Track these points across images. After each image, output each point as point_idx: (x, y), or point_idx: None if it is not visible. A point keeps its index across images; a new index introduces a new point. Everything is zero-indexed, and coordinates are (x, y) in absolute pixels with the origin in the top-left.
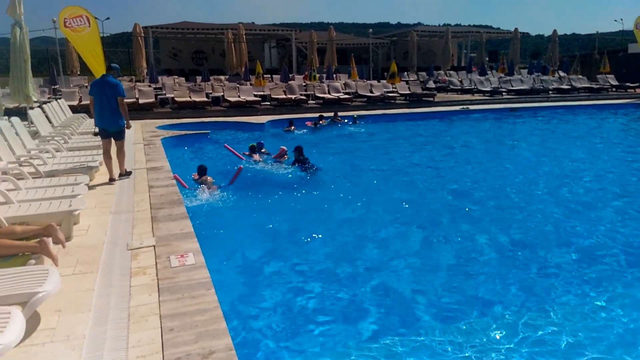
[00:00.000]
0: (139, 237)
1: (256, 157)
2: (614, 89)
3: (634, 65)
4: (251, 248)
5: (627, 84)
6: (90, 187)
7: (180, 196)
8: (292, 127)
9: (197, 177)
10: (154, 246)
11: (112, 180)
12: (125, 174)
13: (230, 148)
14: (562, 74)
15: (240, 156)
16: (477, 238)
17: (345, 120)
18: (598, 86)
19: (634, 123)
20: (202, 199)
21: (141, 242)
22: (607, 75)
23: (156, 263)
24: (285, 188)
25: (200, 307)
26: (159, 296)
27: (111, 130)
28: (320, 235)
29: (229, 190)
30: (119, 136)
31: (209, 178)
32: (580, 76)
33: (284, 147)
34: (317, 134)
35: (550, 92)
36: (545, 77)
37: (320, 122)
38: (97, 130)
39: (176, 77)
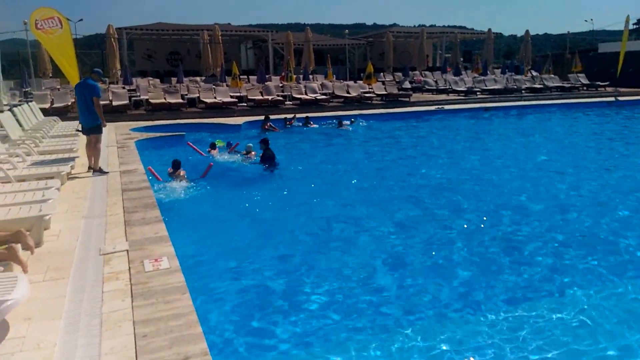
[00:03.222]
0: (112, 241)
1: (214, 152)
2: (585, 88)
3: (605, 65)
4: (216, 237)
5: (598, 82)
6: (69, 176)
7: (154, 200)
8: (269, 124)
9: (171, 170)
10: (127, 251)
11: (91, 168)
12: (100, 171)
13: (193, 145)
14: (534, 73)
15: (202, 153)
16: (447, 233)
17: (316, 125)
18: (570, 85)
19: (606, 120)
20: (174, 191)
21: (114, 247)
22: (579, 75)
23: (129, 268)
24: (251, 181)
25: (175, 311)
26: (132, 301)
27: (87, 126)
28: (281, 228)
29: (200, 183)
30: (94, 131)
31: (182, 172)
32: (553, 75)
33: (250, 145)
34: (294, 134)
35: (523, 91)
36: (518, 77)
37: (290, 122)
38: (80, 127)
39: (151, 78)
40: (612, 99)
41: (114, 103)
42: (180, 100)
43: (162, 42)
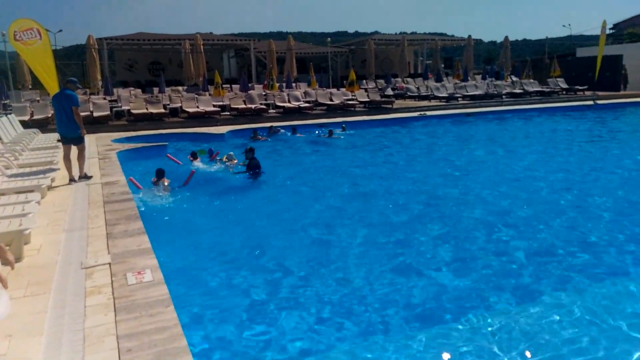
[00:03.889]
0: (94, 254)
1: (196, 161)
2: (564, 92)
3: (582, 69)
4: (201, 246)
5: (577, 86)
6: (50, 189)
7: (137, 211)
8: (258, 136)
9: (155, 179)
10: (110, 264)
11: (72, 180)
12: (85, 176)
13: (172, 157)
14: (514, 78)
15: (179, 162)
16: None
17: (283, 131)
18: (549, 89)
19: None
20: (158, 199)
21: (96, 260)
22: (558, 79)
23: (112, 281)
24: (237, 189)
25: (159, 325)
26: (115, 316)
27: (69, 136)
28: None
29: (184, 191)
30: (78, 141)
31: (165, 180)
32: (532, 80)
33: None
34: (280, 143)
35: (503, 96)
36: (498, 82)
37: (276, 131)
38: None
39: (132, 88)
40: (591, 102)
41: (95, 114)
42: (163, 110)
43: (143, 52)
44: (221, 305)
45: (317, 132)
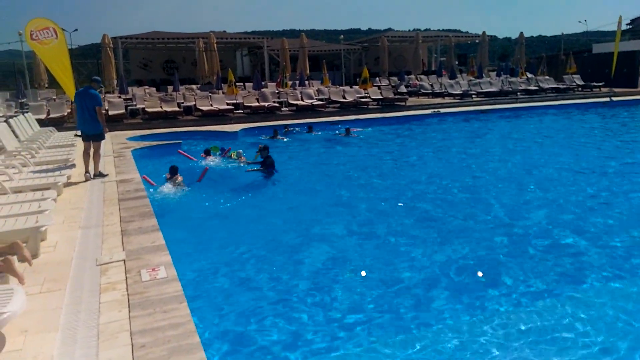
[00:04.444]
0: (109, 251)
1: (209, 158)
2: (580, 89)
3: (599, 65)
4: (214, 243)
5: (593, 83)
6: (66, 186)
7: (151, 208)
8: (279, 136)
9: (169, 176)
10: (124, 260)
11: (87, 173)
12: (99, 174)
13: (184, 152)
14: (529, 75)
15: (193, 158)
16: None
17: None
18: (565, 86)
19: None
20: (172, 196)
21: (111, 257)
22: (573, 76)
23: (126, 278)
24: (248, 187)
25: (172, 321)
26: (129, 312)
27: (90, 133)
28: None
29: (198, 188)
30: (97, 138)
31: (179, 177)
32: (547, 77)
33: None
34: (298, 143)
35: (518, 93)
36: (513, 79)
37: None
38: (79, 132)
39: (147, 87)
40: (607, 99)
41: (110, 112)
42: (177, 109)
43: (158, 50)
44: (233, 301)
45: (336, 131)
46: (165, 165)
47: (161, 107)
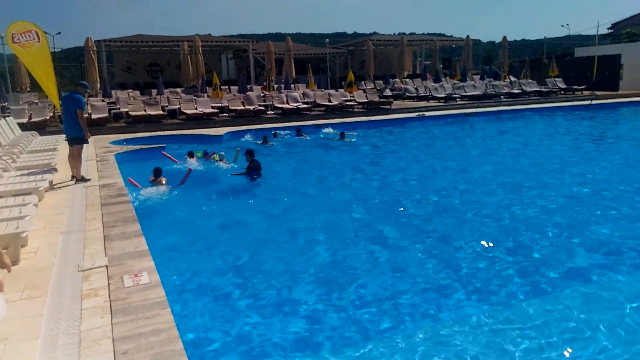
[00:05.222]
0: (91, 257)
1: (193, 160)
2: (562, 92)
3: (581, 69)
4: (198, 245)
5: (575, 86)
6: (48, 191)
7: (134, 213)
8: (268, 142)
9: (153, 178)
10: (107, 266)
11: (74, 177)
12: (82, 179)
13: (167, 155)
14: (512, 78)
15: (177, 160)
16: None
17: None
18: (547, 89)
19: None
20: (155, 198)
21: (93, 263)
22: (556, 79)
23: (109, 284)
24: (232, 190)
25: (155, 327)
26: (111, 318)
27: (73, 136)
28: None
29: (181, 190)
30: (80, 142)
31: (163, 179)
32: (530, 80)
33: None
34: (288, 147)
35: (502, 96)
36: (496, 82)
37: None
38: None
39: (131, 90)
40: (589, 102)
41: (94, 116)
42: (161, 112)
43: (142, 53)
44: (217, 303)
45: (328, 135)
46: (148, 169)
47: (145, 110)
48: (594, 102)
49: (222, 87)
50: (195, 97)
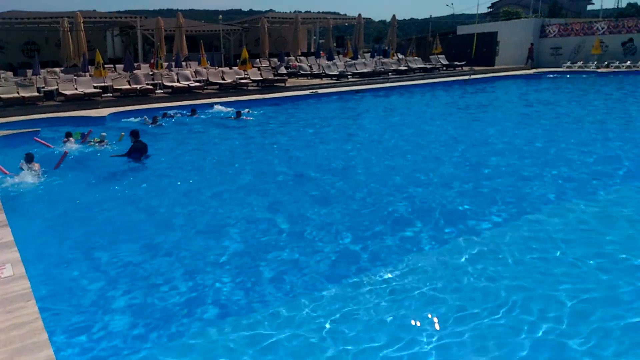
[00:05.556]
0: None
1: (70, 142)
2: (444, 68)
3: (462, 46)
4: (71, 234)
5: (456, 62)
6: None
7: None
8: (157, 122)
9: (23, 163)
10: None
11: None
12: None
13: (40, 140)
14: (400, 56)
15: (50, 145)
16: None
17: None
18: (431, 66)
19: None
20: (27, 185)
21: None
22: (439, 56)
23: None
24: (113, 174)
25: (17, 321)
26: None
27: None
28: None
29: (55, 175)
30: None
31: (36, 165)
32: (416, 57)
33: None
34: (180, 127)
35: (390, 73)
36: (385, 60)
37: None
38: None
39: (2, 71)
40: (467, 77)
41: None
42: (36, 94)
43: (16, 31)
44: (86, 297)
45: (220, 110)
46: (20, 156)
47: (18, 92)
48: (472, 77)
49: (105, 65)
50: (75, 77)
